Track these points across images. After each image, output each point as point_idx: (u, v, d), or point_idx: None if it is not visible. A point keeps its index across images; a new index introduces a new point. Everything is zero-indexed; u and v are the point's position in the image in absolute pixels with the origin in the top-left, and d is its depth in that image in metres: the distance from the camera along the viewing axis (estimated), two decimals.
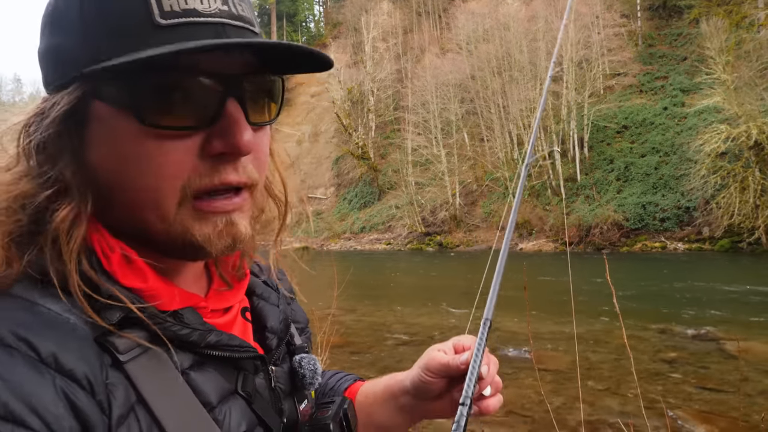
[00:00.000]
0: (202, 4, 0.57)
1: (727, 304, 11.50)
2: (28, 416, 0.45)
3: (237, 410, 0.65)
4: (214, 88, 0.59)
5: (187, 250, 0.63)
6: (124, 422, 0.53)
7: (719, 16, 29.82)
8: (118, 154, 0.58)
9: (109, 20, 0.56)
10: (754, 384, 6.21)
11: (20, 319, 0.51)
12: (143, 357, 0.57)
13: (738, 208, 24.11)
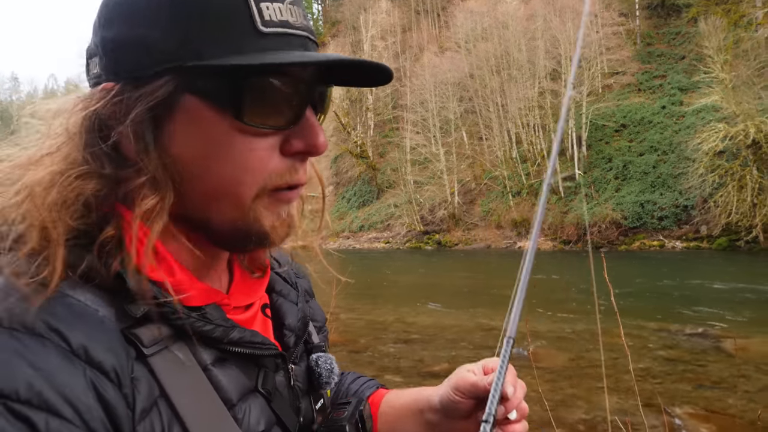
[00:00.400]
0: (292, 17, 0.62)
1: (724, 302, 11.53)
2: (62, 406, 0.47)
3: (256, 408, 0.65)
4: (299, 94, 0.62)
5: (251, 239, 0.64)
6: (146, 416, 0.54)
7: (717, 15, 29.87)
8: (204, 146, 0.60)
9: (209, 20, 0.57)
10: (752, 382, 6.23)
11: (51, 310, 0.51)
12: (167, 351, 0.58)
13: (736, 207, 24.18)
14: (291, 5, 0.62)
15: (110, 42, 0.60)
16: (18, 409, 0.45)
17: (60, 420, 0.46)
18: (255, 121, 0.60)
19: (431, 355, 7.74)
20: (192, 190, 0.61)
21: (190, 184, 0.61)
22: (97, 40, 0.62)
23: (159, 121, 0.59)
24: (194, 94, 0.59)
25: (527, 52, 36.58)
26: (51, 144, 0.60)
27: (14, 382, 0.46)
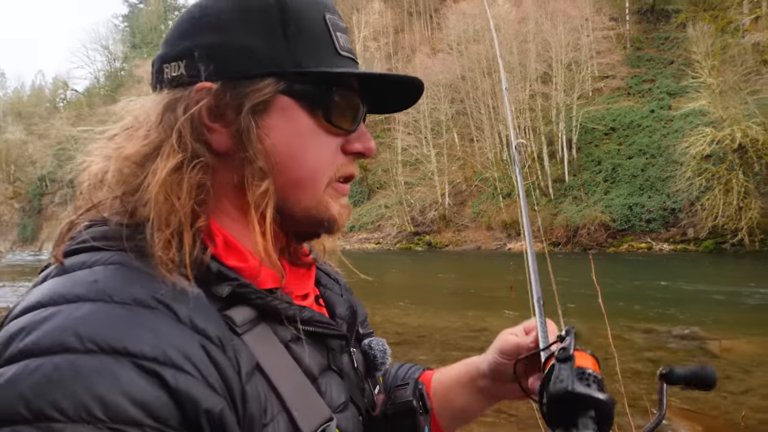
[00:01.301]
0: (349, 46, 0.75)
1: (710, 304, 11.68)
2: (185, 363, 0.53)
3: (335, 384, 0.72)
4: (360, 105, 0.75)
5: (321, 224, 0.74)
6: (250, 380, 0.59)
7: (705, 20, 30.14)
8: (294, 140, 0.70)
9: (306, 39, 0.69)
10: (736, 383, 6.34)
11: (155, 288, 0.57)
12: (255, 330, 0.65)
13: (722, 210, 24.43)
14: (347, 36, 0.75)
15: (211, 47, 0.68)
16: (147, 366, 0.50)
17: (185, 374, 0.52)
18: (336, 121, 0.72)
19: (421, 356, 7.80)
20: (277, 179, 0.69)
21: (278, 174, 0.69)
22: (189, 44, 0.69)
23: (258, 116, 0.68)
24: (290, 96, 0.69)
25: (519, 54, 36.74)
26: (157, 137, 0.67)
27: (139, 344, 0.51)
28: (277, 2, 0.69)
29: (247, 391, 0.58)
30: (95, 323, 0.52)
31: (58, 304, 0.54)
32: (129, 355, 0.50)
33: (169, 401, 0.50)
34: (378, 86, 0.77)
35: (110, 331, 0.51)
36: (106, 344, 0.50)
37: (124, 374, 0.49)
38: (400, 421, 0.83)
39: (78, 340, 0.50)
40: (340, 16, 0.75)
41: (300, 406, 0.64)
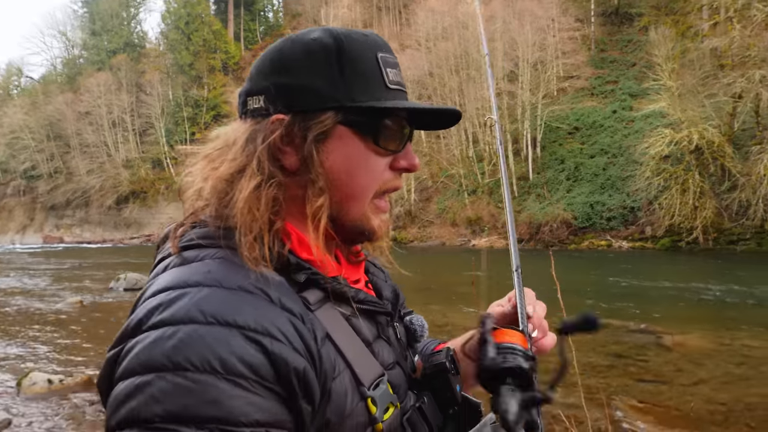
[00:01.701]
0: (399, 78, 0.89)
1: (665, 299, 12.01)
2: (277, 333, 0.70)
3: (385, 349, 0.90)
4: (405, 127, 0.89)
5: (363, 234, 0.90)
6: (323, 345, 0.76)
7: (667, 25, 30.85)
8: (349, 161, 0.85)
9: (360, 78, 0.84)
10: (687, 376, 6.54)
11: (253, 278, 0.75)
12: (323, 308, 0.82)
13: (678, 209, 25.12)
14: (397, 70, 0.89)
15: (285, 86, 0.85)
16: (251, 335, 0.68)
17: (278, 342, 0.69)
18: (384, 144, 0.86)
19: None
20: (334, 193, 0.85)
21: (334, 189, 0.85)
22: (268, 83, 0.86)
23: (319, 143, 0.84)
24: (346, 125, 0.84)
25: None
26: (243, 161, 0.84)
27: (245, 319, 0.69)
28: (336, 48, 0.84)
29: (321, 353, 0.75)
30: (212, 303, 0.69)
31: (184, 288, 0.72)
32: (238, 327, 0.68)
33: (266, 362, 0.67)
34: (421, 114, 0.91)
35: (224, 309, 0.69)
36: (221, 318, 0.68)
37: (234, 341, 0.67)
38: (435, 380, 0.97)
39: (202, 314, 0.68)
40: (392, 53, 0.90)
41: (360, 364, 0.81)
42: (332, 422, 0.75)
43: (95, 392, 6.12)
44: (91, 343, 8.93)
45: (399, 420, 0.86)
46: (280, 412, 0.68)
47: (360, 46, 0.85)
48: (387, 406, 0.83)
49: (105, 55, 70.62)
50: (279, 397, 0.68)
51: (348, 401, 0.77)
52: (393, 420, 0.83)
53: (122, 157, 61.84)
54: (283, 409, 0.69)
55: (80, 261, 28.06)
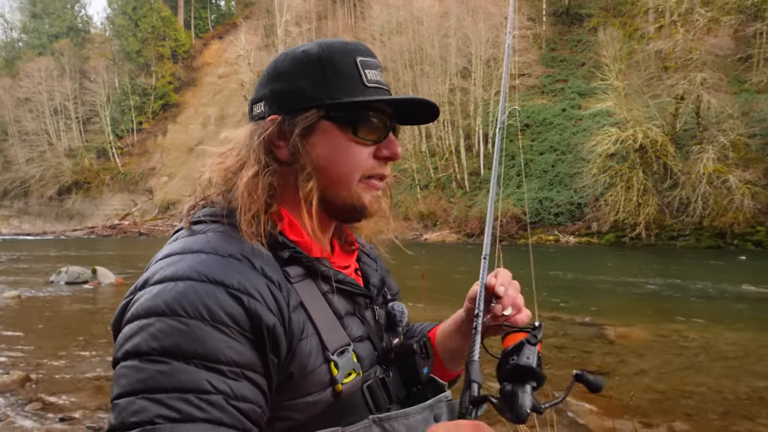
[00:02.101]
0: (378, 78, 1.01)
1: (609, 293, 12.39)
2: (255, 293, 0.84)
3: (356, 325, 1.02)
4: (386, 121, 1.01)
5: (356, 210, 1.02)
6: (295, 311, 0.90)
7: (615, 26, 31.76)
8: (331, 151, 0.98)
9: (341, 79, 0.97)
10: (629, 366, 6.75)
11: (244, 248, 0.90)
12: (302, 282, 0.95)
13: (623, 206, 25.93)
14: (378, 71, 1.02)
15: (278, 91, 1.00)
16: (233, 293, 0.83)
17: (255, 300, 0.83)
18: (362, 135, 0.98)
19: None
20: (321, 178, 0.98)
21: (321, 174, 0.98)
22: (266, 91, 1.02)
23: (306, 137, 0.97)
24: (328, 120, 0.98)
25: (440, 48, 37.30)
26: (245, 155, 0.99)
27: (230, 280, 0.84)
28: (319, 56, 0.99)
29: (291, 317, 0.88)
30: (206, 265, 0.85)
31: (186, 254, 0.88)
32: (224, 285, 0.83)
33: (244, 314, 0.82)
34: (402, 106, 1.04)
35: (214, 271, 0.84)
36: (212, 278, 0.83)
37: (220, 295, 0.82)
38: (403, 359, 1.09)
39: (197, 274, 0.84)
40: (374, 57, 1.03)
41: (327, 332, 0.94)
42: (295, 375, 0.89)
43: (33, 389, 5.90)
44: (29, 338, 8.58)
45: (360, 386, 0.97)
46: (253, 357, 0.83)
47: (341, 53, 0.99)
48: (349, 372, 0.95)
49: (46, 39, 67.94)
50: (253, 345, 0.83)
51: (311, 360, 0.90)
52: (353, 384, 0.95)
53: (65, 146, 59.64)
54: (255, 356, 0.83)
55: (18, 254, 26.92)
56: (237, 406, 0.79)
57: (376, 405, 1.00)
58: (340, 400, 0.94)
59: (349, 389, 0.94)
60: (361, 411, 0.97)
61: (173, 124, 59.83)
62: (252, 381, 0.82)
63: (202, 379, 0.77)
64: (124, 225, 52.01)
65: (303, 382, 0.90)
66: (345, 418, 0.94)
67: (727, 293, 12.23)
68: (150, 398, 0.75)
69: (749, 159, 24.73)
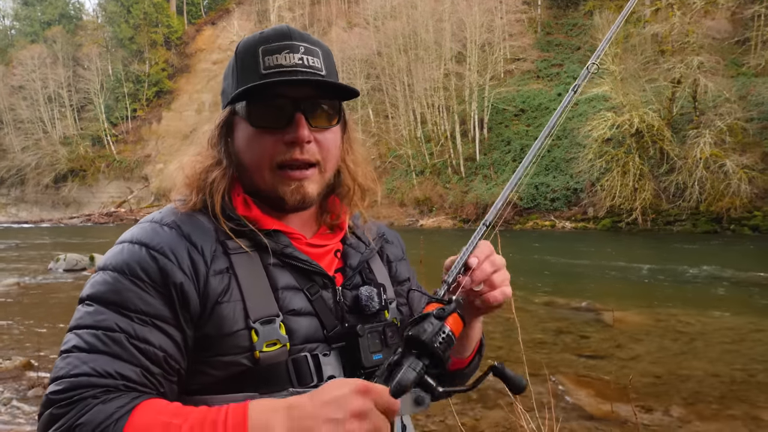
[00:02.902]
0: (285, 60, 1.03)
1: (606, 278, 12.44)
2: (170, 254, 0.96)
3: (297, 299, 1.04)
4: (287, 105, 1.03)
5: (277, 201, 1.07)
6: (217, 275, 0.98)
7: (610, 9, 31.50)
8: (242, 143, 1.06)
9: (243, 73, 1.05)
10: (626, 351, 6.80)
11: (182, 219, 1.03)
12: (243, 254, 1.02)
13: (619, 191, 25.93)
14: (286, 53, 1.03)
15: (221, 94, 1.14)
16: (153, 253, 0.96)
17: (167, 260, 0.95)
18: (258, 123, 1.04)
19: None
20: (243, 169, 1.08)
21: (241, 165, 1.08)
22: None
23: (229, 134, 1.10)
24: (235, 114, 1.08)
25: (434, 33, 37.04)
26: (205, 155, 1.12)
27: (153, 242, 0.97)
28: (234, 56, 1.08)
29: (209, 279, 0.97)
30: (142, 231, 1.01)
31: (140, 223, 1.04)
32: (147, 247, 0.97)
33: (157, 271, 0.94)
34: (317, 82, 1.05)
35: (144, 235, 0.99)
36: (140, 240, 0.98)
37: (141, 254, 0.96)
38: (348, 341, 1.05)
39: (132, 237, 1.00)
40: (282, 45, 1.03)
41: (253, 299, 0.99)
42: (211, 336, 0.96)
43: (34, 376, 5.92)
44: (29, 325, 8.58)
45: (285, 357, 0.99)
46: (160, 308, 0.94)
47: (250, 45, 1.06)
48: (273, 342, 0.98)
49: (39, 27, 67.17)
50: (162, 297, 0.94)
51: (230, 324, 0.96)
52: (276, 355, 0.98)
53: (59, 133, 59.21)
54: (164, 308, 0.94)
55: (16, 241, 26.87)
56: (137, 345, 0.90)
57: (300, 379, 0.99)
58: (260, 368, 0.97)
59: (270, 358, 0.98)
60: (283, 383, 0.98)
61: (167, 111, 59.45)
62: (159, 328, 0.93)
63: (111, 321, 0.91)
64: (120, 212, 51.85)
65: (221, 343, 0.96)
66: (264, 386, 0.96)
67: (723, 278, 12.30)
68: (74, 333, 0.92)
69: (746, 143, 24.72)
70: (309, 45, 1.06)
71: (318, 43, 1.09)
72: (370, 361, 1.05)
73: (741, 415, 4.83)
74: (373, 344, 1.07)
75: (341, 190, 1.19)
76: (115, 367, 0.88)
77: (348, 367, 1.05)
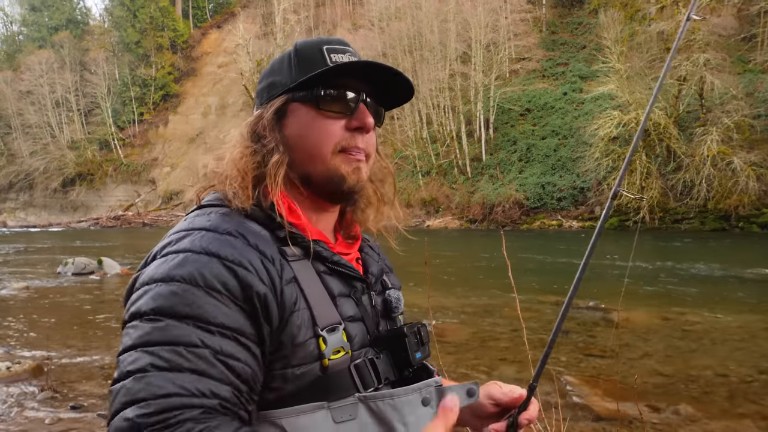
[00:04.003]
0: (347, 59, 1.07)
1: (612, 277, 12.38)
2: (248, 265, 0.92)
3: (349, 305, 1.06)
4: (355, 95, 1.08)
5: (335, 182, 1.07)
6: (288, 284, 0.96)
7: (616, 8, 31.44)
8: (300, 127, 1.07)
9: (305, 65, 1.07)
10: (633, 350, 6.77)
11: (241, 227, 0.98)
12: (299, 261, 1.02)
13: (626, 189, 25.83)
14: (349, 55, 1.09)
15: (260, 90, 1.14)
16: (227, 264, 0.91)
17: (247, 271, 0.91)
18: (326, 108, 1.06)
19: None
20: (297, 154, 1.07)
21: (296, 151, 1.07)
22: (259, 88, 1.15)
23: (279, 121, 1.09)
24: (294, 101, 1.08)
25: (439, 33, 37.04)
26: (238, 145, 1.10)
27: (225, 253, 0.92)
28: (290, 52, 1.11)
29: (284, 288, 0.95)
30: (205, 240, 0.94)
31: (190, 231, 0.97)
32: (219, 258, 0.91)
33: (236, 283, 0.90)
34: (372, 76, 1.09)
35: (212, 245, 0.93)
36: (208, 251, 0.92)
37: (215, 265, 0.90)
38: (394, 343, 1.11)
39: (197, 247, 0.93)
40: (344, 48, 1.10)
41: (319, 308, 1.00)
42: (284, 345, 0.95)
43: (44, 378, 5.95)
44: (39, 329, 8.64)
45: (348, 364, 1.01)
46: (242, 323, 0.90)
47: (311, 45, 1.09)
48: (338, 349, 0.99)
49: (46, 32, 67.69)
50: (243, 312, 0.90)
51: (301, 333, 0.96)
52: (341, 361, 1.00)
53: (67, 138, 59.63)
54: (246, 322, 0.90)
55: (25, 245, 27.02)
56: (224, 361, 0.86)
57: (364, 384, 1.02)
58: (328, 376, 0.98)
59: (337, 366, 0.99)
60: (349, 389, 1.00)
61: (174, 115, 59.71)
62: (241, 343, 0.89)
63: (191, 335, 0.85)
64: (128, 216, 52.08)
65: (292, 353, 0.95)
66: (332, 394, 0.98)
67: (731, 276, 12.23)
68: (145, 350, 0.84)
69: (754, 140, 24.59)
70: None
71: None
72: (415, 360, 1.11)
73: (750, 414, 4.81)
74: (414, 344, 1.12)
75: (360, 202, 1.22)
76: (207, 386, 0.83)
77: (398, 368, 1.10)
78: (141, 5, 61.03)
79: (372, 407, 1.01)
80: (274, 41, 47.57)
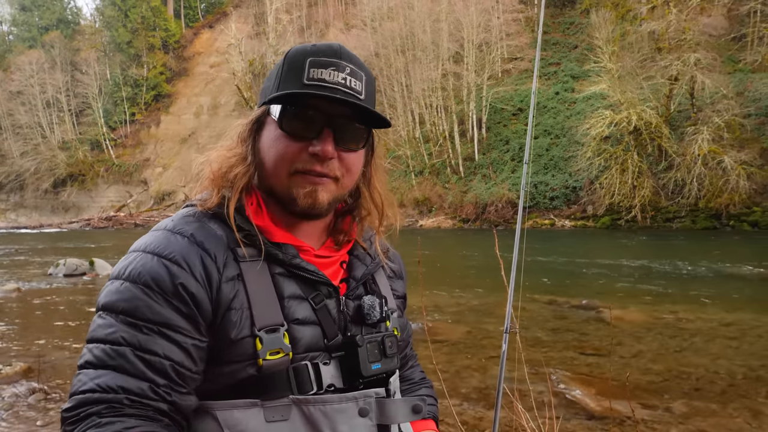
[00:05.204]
0: (329, 77, 1.03)
1: (605, 276, 12.43)
2: (183, 262, 0.97)
3: (303, 308, 1.06)
4: (320, 119, 1.04)
5: (289, 202, 1.07)
6: (228, 282, 1.00)
7: (607, 8, 31.56)
8: (268, 143, 1.07)
9: (287, 77, 1.04)
10: (626, 348, 6.79)
11: (194, 226, 1.04)
12: (252, 262, 1.03)
13: (618, 189, 25.97)
14: (332, 69, 1.03)
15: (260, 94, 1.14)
16: (164, 262, 0.97)
17: (181, 268, 0.96)
18: (289, 129, 1.05)
19: None
20: (263, 167, 1.09)
21: (263, 164, 1.09)
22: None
23: (259, 131, 1.11)
24: (269, 114, 1.09)
25: (431, 33, 37.06)
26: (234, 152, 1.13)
27: (167, 251, 0.98)
28: (282, 60, 1.08)
29: (222, 286, 0.99)
30: (155, 239, 1.01)
31: (155, 230, 1.05)
32: (159, 256, 0.98)
33: (168, 279, 0.95)
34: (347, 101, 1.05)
35: (157, 244, 1.00)
36: (152, 249, 0.99)
37: (152, 263, 0.97)
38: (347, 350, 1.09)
39: (145, 246, 1.01)
40: (330, 61, 1.04)
41: (259, 308, 1.01)
42: (220, 340, 0.99)
43: (36, 381, 5.91)
44: (30, 330, 8.58)
45: (286, 366, 1.02)
46: (171, 317, 0.95)
47: (300, 53, 1.06)
48: (276, 350, 1.00)
49: (36, 32, 67.28)
50: (173, 307, 0.95)
51: (237, 331, 0.99)
52: (278, 363, 1.00)
53: (58, 138, 59.27)
54: (176, 316, 0.95)
55: (16, 246, 26.83)
56: (142, 357, 0.92)
57: (300, 387, 1.02)
58: (263, 375, 1.00)
59: (273, 367, 1.00)
60: (284, 390, 1.01)
61: (166, 115, 59.48)
62: (166, 336, 0.94)
63: (119, 334, 0.93)
64: (120, 216, 51.79)
65: (228, 349, 0.99)
66: (266, 394, 1.00)
67: (723, 274, 12.30)
68: (87, 347, 0.94)
69: (744, 139, 24.75)
70: (355, 68, 1.07)
71: (364, 67, 1.10)
72: (368, 371, 1.09)
73: (742, 411, 4.83)
74: (372, 354, 1.10)
75: (359, 212, 1.22)
76: (119, 382, 0.90)
77: (347, 376, 1.08)
78: (132, 5, 60.75)
79: (305, 411, 1.01)
80: (267, 41, 47.44)
